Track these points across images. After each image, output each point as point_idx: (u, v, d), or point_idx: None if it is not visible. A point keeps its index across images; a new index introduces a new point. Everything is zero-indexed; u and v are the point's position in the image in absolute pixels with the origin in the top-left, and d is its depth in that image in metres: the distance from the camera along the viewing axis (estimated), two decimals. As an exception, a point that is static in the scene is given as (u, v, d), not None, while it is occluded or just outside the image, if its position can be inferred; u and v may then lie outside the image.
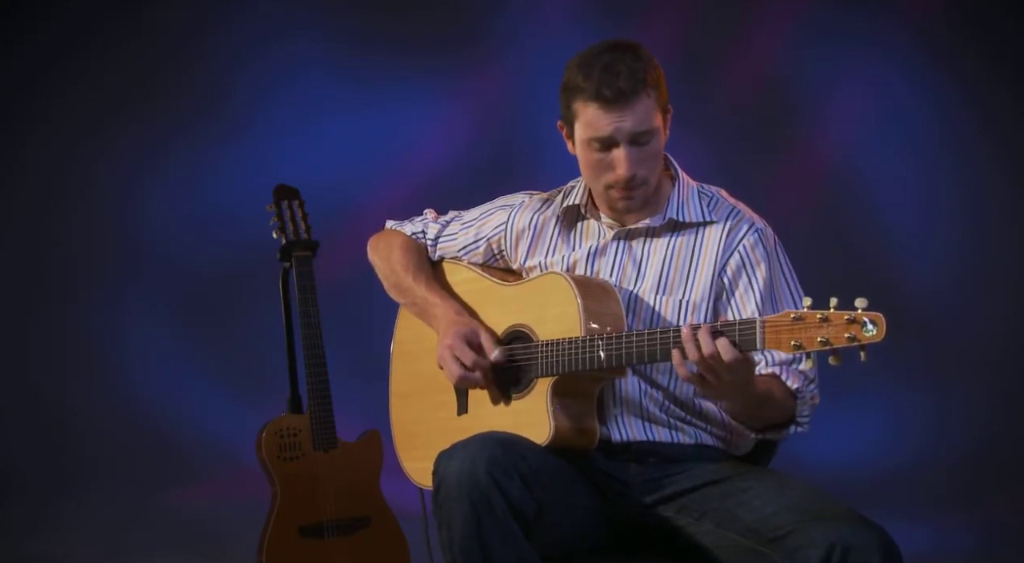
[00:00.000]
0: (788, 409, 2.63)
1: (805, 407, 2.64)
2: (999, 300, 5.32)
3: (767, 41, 5.45)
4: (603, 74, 2.61)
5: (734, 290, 2.70)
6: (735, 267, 2.70)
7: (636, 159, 2.64)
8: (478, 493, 2.44)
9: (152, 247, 5.50)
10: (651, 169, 2.68)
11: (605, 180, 2.68)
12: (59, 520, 4.95)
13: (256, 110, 5.52)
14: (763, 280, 2.69)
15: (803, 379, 2.64)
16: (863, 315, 2.32)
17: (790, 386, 2.62)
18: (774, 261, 2.72)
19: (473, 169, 5.46)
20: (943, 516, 4.79)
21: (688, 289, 2.71)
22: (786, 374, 2.64)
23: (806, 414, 2.65)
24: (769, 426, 2.64)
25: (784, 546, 2.48)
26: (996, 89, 5.34)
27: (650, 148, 2.65)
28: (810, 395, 2.65)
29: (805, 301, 2.39)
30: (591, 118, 2.64)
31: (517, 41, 5.52)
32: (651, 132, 2.64)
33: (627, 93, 2.60)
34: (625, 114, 2.61)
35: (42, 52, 5.47)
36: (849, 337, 2.32)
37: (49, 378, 5.41)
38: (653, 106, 2.63)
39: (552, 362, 2.64)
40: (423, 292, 2.89)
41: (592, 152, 2.67)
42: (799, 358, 2.62)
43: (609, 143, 2.64)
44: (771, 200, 5.30)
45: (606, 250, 2.76)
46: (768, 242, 2.72)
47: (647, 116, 2.62)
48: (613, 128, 2.62)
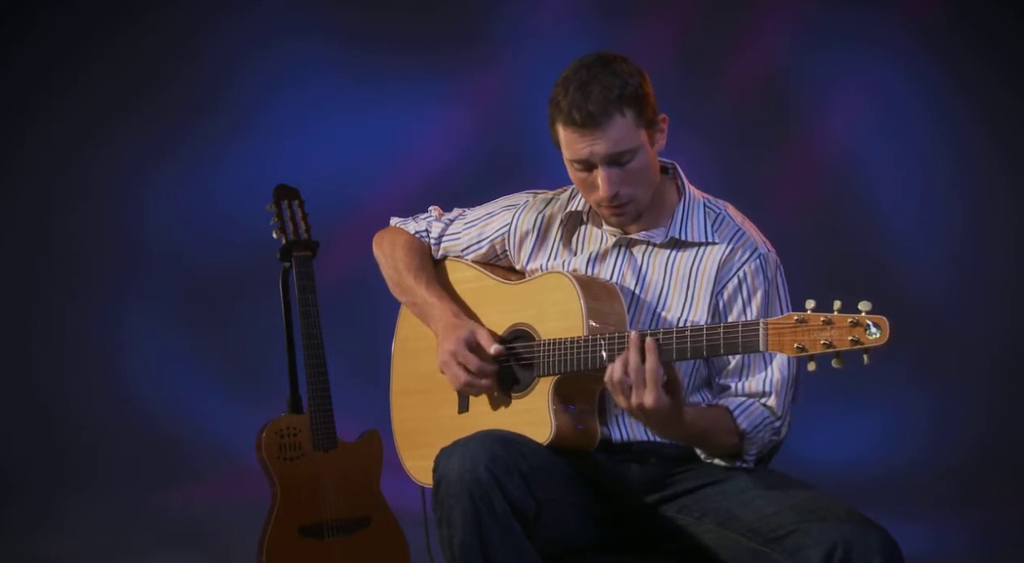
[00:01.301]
0: (732, 446, 2.62)
1: (753, 447, 2.63)
2: (999, 300, 5.32)
3: (767, 40, 5.45)
4: (575, 95, 2.58)
5: (727, 315, 2.68)
6: (732, 291, 2.69)
7: (616, 179, 2.61)
8: (479, 491, 2.44)
9: (152, 247, 5.49)
10: (638, 186, 2.64)
11: (593, 198, 2.67)
12: (59, 520, 4.95)
13: (256, 110, 5.52)
14: (757, 308, 2.67)
15: (761, 418, 2.62)
16: (867, 318, 2.31)
17: (739, 425, 2.61)
18: (772, 289, 2.70)
19: (473, 169, 5.46)
20: (942, 516, 4.79)
21: (686, 309, 2.69)
22: (743, 411, 2.62)
23: (752, 453, 2.63)
24: (714, 456, 2.65)
25: (785, 546, 2.48)
26: (996, 89, 5.34)
27: (633, 167, 2.61)
28: (770, 432, 2.63)
29: (808, 303, 2.37)
30: (568, 140, 2.62)
31: (517, 41, 5.52)
32: (630, 152, 2.60)
33: (596, 116, 2.57)
34: (597, 137, 2.58)
35: (42, 52, 5.46)
36: (852, 340, 2.31)
37: (49, 378, 5.41)
38: (631, 124, 2.59)
39: (554, 361, 2.64)
40: (423, 292, 2.89)
41: (575, 171, 2.66)
42: (769, 391, 2.63)
43: (587, 165, 2.62)
44: (771, 199, 5.32)
45: (606, 256, 2.76)
46: (769, 269, 2.70)
47: (623, 137, 2.59)
48: (588, 152, 2.60)
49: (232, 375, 5.41)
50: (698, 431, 2.58)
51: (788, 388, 2.67)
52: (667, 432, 2.57)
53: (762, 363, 2.66)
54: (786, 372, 2.66)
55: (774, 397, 2.65)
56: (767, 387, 2.65)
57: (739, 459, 2.64)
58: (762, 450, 2.66)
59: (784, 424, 2.67)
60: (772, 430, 2.64)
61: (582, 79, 2.59)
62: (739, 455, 2.64)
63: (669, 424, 2.52)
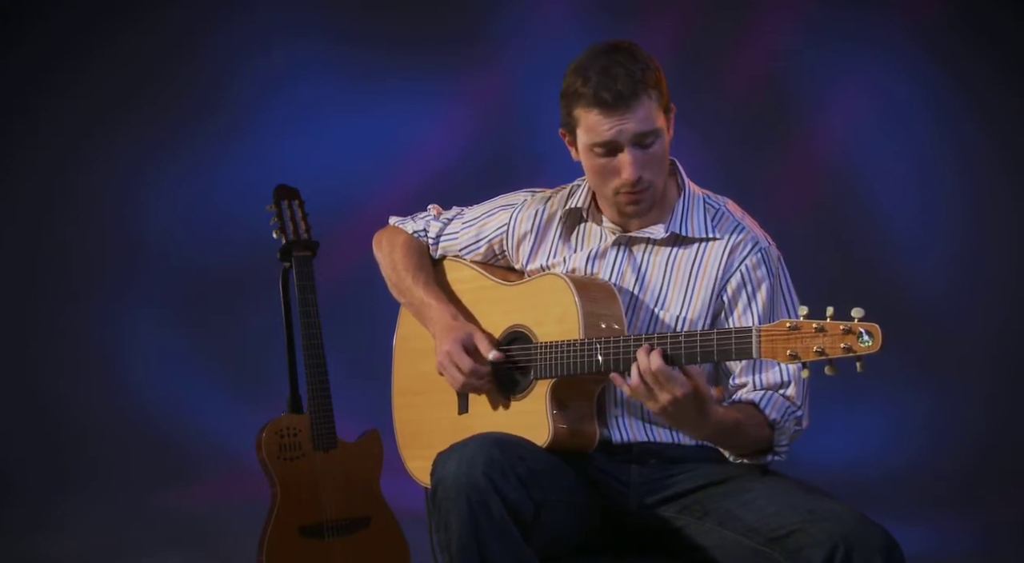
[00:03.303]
0: (763, 439, 2.61)
1: (784, 437, 2.62)
2: (999, 300, 5.32)
3: (767, 40, 5.45)
4: (601, 78, 2.58)
5: (733, 309, 2.68)
6: (735, 286, 2.68)
7: (641, 162, 2.61)
8: (476, 495, 2.44)
9: (152, 247, 5.50)
10: (657, 172, 2.65)
11: (612, 185, 2.65)
12: (59, 520, 4.95)
13: (256, 110, 5.52)
14: (763, 301, 2.67)
15: (785, 408, 2.62)
16: (859, 325, 2.29)
17: (768, 415, 2.60)
18: (775, 281, 2.69)
19: (473, 168, 5.46)
20: (943, 516, 4.79)
21: (686, 306, 2.69)
22: (768, 402, 2.62)
23: (784, 443, 2.63)
24: (745, 453, 2.64)
25: (786, 546, 2.48)
26: (996, 89, 5.34)
27: (654, 150, 2.62)
28: (793, 422, 2.63)
29: (801, 310, 2.36)
30: (592, 123, 2.61)
31: (517, 40, 5.52)
32: (655, 133, 2.61)
33: (626, 95, 2.57)
34: (626, 117, 2.58)
35: (42, 52, 5.46)
36: (845, 348, 2.30)
37: (49, 378, 5.41)
38: (655, 106, 2.60)
39: (550, 364, 2.64)
40: (421, 293, 2.89)
41: (596, 158, 2.64)
42: (787, 381, 2.62)
43: (613, 147, 2.62)
44: (770, 199, 5.32)
45: (606, 254, 2.75)
46: (772, 262, 2.70)
47: (649, 117, 2.60)
48: (616, 131, 2.60)
49: (232, 375, 5.41)
50: (729, 426, 2.55)
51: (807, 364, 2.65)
52: (698, 429, 2.54)
53: None
54: None
55: (793, 386, 2.64)
56: (785, 377, 2.64)
57: (771, 452, 2.62)
58: (791, 440, 2.64)
59: (805, 414, 2.66)
60: (795, 419, 2.64)
61: (603, 64, 2.59)
62: (771, 448, 2.62)
63: (698, 421, 2.49)
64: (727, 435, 2.59)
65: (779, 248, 2.75)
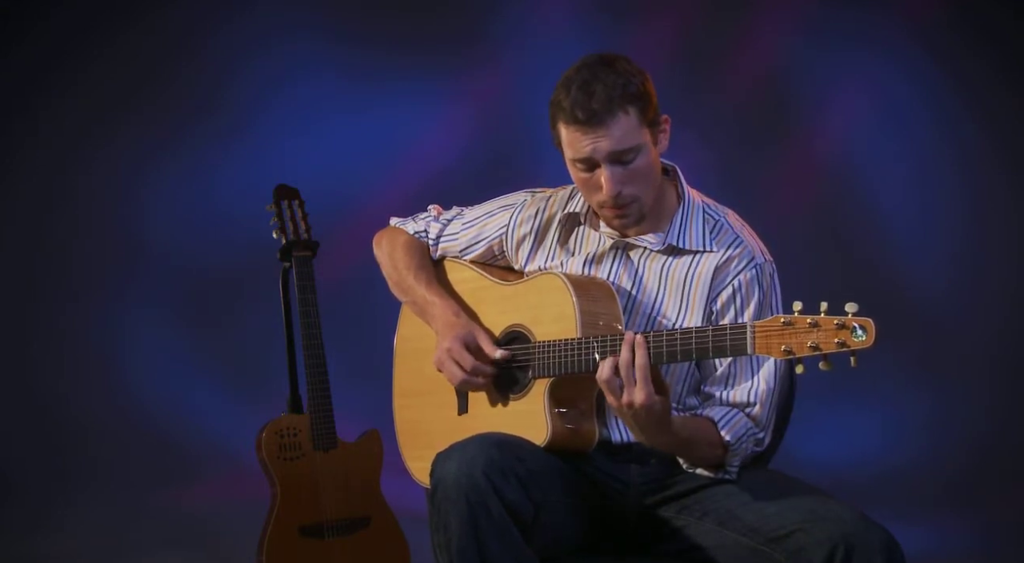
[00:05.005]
0: (715, 457, 2.62)
1: (736, 458, 2.62)
2: (999, 300, 5.32)
3: (767, 40, 5.45)
4: (578, 93, 2.57)
5: (719, 322, 2.67)
6: (725, 299, 2.67)
7: (620, 178, 2.60)
8: (475, 496, 2.43)
9: (152, 247, 5.50)
10: (641, 186, 2.63)
11: (596, 199, 2.66)
12: (59, 520, 4.95)
13: (256, 110, 5.52)
14: (749, 318, 2.65)
15: (745, 429, 2.62)
16: (852, 320, 2.29)
17: (723, 437, 2.60)
18: (765, 299, 2.68)
19: (473, 168, 5.46)
20: (943, 516, 4.79)
21: (682, 313, 2.68)
22: (727, 422, 2.61)
23: (736, 464, 2.63)
24: (696, 466, 2.64)
25: (786, 546, 2.48)
26: (996, 89, 5.34)
27: (636, 165, 2.60)
28: (753, 442, 2.63)
29: (795, 305, 2.36)
30: (570, 139, 2.61)
31: (517, 41, 5.52)
32: (634, 150, 2.59)
33: (600, 113, 2.55)
34: (600, 134, 2.57)
35: (41, 52, 5.47)
36: (839, 343, 2.29)
37: (49, 378, 5.41)
38: (635, 122, 2.58)
39: (548, 364, 2.64)
40: (423, 292, 2.88)
41: (578, 172, 2.64)
42: (753, 402, 2.63)
43: (590, 164, 2.61)
44: (770, 199, 5.33)
45: (603, 259, 2.75)
46: (764, 280, 2.68)
47: (626, 134, 2.58)
48: (591, 149, 2.58)
49: (232, 375, 5.41)
50: (683, 439, 2.57)
51: (773, 398, 2.65)
52: (653, 436, 2.54)
53: (749, 372, 2.65)
54: (772, 383, 2.65)
55: (759, 407, 2.64)
56: (752, 397, 2.64)
57: (722, 470, 2.64)
58: (745, 460, 2.65)
59: (767, 434, 2.66)
60: (755, 441, 2.64)
61: (584, 78, 2.58)
62: (722, 466, 2.63)
63: (656, 427, 2.50)
64: (680, 447, 2.60)
65: (779, 248, 2.75)
